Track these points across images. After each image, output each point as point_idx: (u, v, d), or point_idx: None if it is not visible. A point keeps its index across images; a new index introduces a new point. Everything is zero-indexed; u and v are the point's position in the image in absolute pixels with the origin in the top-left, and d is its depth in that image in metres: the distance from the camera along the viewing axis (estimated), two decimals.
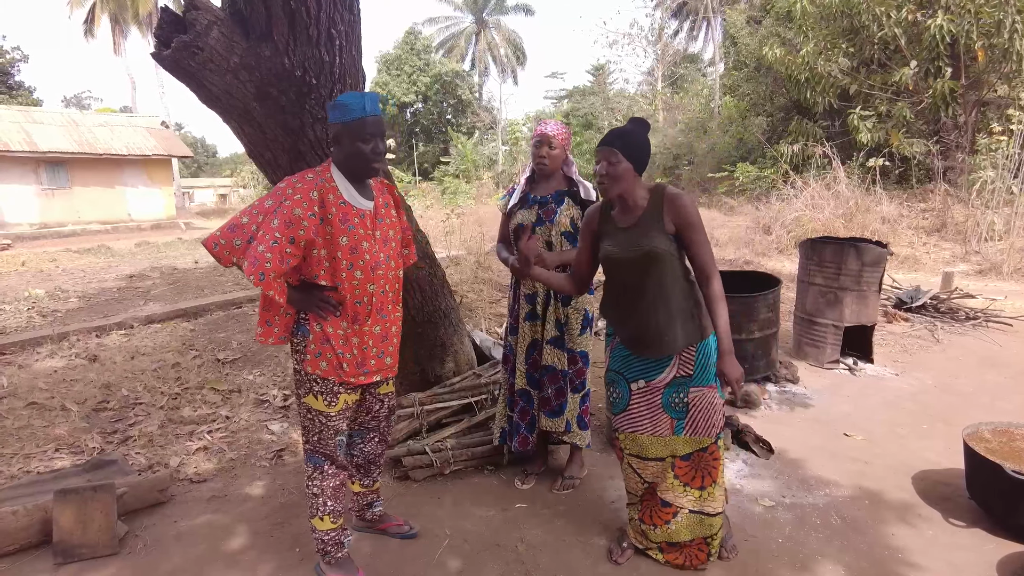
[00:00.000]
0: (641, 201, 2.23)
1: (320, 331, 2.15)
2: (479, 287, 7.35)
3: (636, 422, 2.35)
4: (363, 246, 2.13)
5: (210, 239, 2.02)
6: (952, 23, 10.58)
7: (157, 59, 2.46)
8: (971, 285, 7.23)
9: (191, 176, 44.74)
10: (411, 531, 2.64)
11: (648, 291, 2.22)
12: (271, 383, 4.50)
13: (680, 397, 2.29)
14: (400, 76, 33.60)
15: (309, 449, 2.28)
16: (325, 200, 2.07)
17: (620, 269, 2.28)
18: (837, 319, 4.70)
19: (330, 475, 2.29)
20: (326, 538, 2.32)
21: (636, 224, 2.23)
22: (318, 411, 2.21)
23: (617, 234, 2.27)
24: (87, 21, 28.52)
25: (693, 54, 31.02)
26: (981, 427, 3.01)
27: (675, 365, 2.27)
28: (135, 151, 20.80)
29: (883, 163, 11.36)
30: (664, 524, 2.41)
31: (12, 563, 2.48)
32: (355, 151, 2.10)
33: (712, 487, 2.35)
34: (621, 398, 2.37)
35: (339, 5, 2.61)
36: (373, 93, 2.16)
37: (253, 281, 1.95)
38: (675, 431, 2.32)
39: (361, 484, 2.60)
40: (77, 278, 9.42)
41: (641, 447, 2.37)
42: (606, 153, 2.17)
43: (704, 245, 2.20)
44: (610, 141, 2.19)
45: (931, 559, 2.47)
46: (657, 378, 2.30)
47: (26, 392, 4.24)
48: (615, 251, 2.25)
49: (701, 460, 2.34)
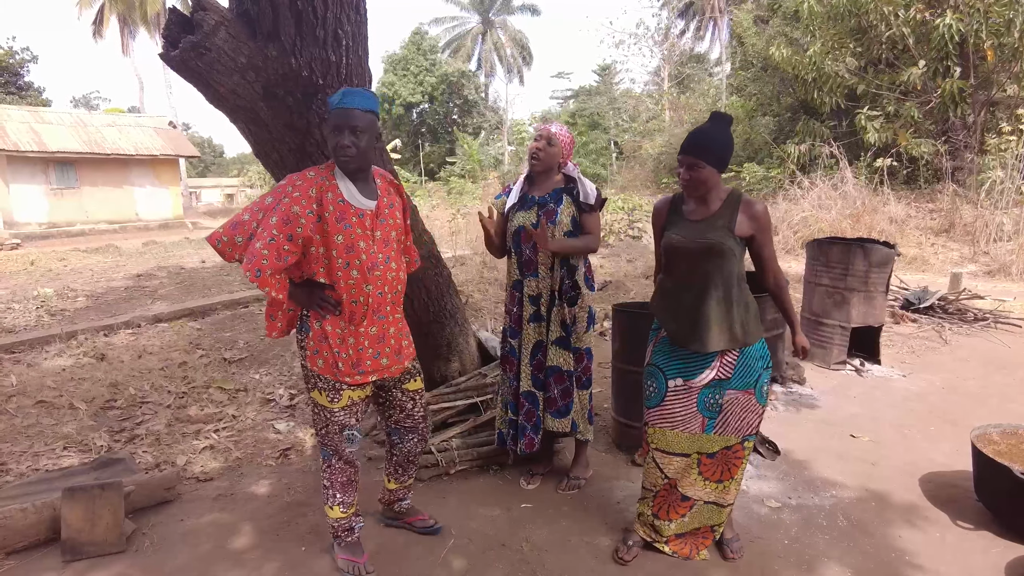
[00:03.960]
0: (717, 201, 2.28)
1: (319, 329, 2.18)
2: (485, 287, 7.36)
3: (668, 418, 2.36)
4: (360, 245, 2.14)
5: (213, 235, 2.05)
6: (961, 22, 10.50)
7: (165, 59, 2.47)
8: (979, 286, 7.17)
9: (198, 176, 44.87)
10: (435, 526, 2.67)
11: (704, 284, 2.26)
12: (277, 382, 4.52)
13: (715, 398, 2.32)
14: (406, 76, 33.63)
15: (319, 441, 2.36)
16: (323, 198, 2.08)
17: (680, 258, 2.31)
18: (844, 320, 4.68)
19: (338, 469, 2.35)
20: (336, 524, 2.43)
21: (707, 219, 2.27)
22: (322, 406, 2.26)
23: (685, 225, 2.31)
24: (96, 22, 28.69)
25: (700, 54, 30.89)
26: (989, 429, 2.99)
27: (715, 367, 2.29)
28: (143, 151, 20.93)
29: (891, 163, 11.29)
30: (680, 518, 2.45)
31: (21, 560, 2.50)
32: (329, 144, 2.13)
33: (730, 481, 2.40)
34: (657, 392, 2.38)
35: (346, 5, 2.62)
36: (362, 90, 2.15)
37: (249, 278, 1.98)
38: (705, 429, 2.35)
39: (397, 481, 2.64)
40: (85, 277, 9.48)
41: (669, 442, 2.38)
42: (686, 161, 2.21)
43: (772, 247, 2.33)
44: (691, 151, 2.21)
45: (938, 562, 2.46)
46: (696, 378, 2.31)
47: (35, 391, 4.28)
48: (679, 239, 2.29)
49: (726, 458, 2.38)
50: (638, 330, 3.31)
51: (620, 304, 3.62)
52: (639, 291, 7.33)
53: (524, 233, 2.83)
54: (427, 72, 34.00)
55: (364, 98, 2.11)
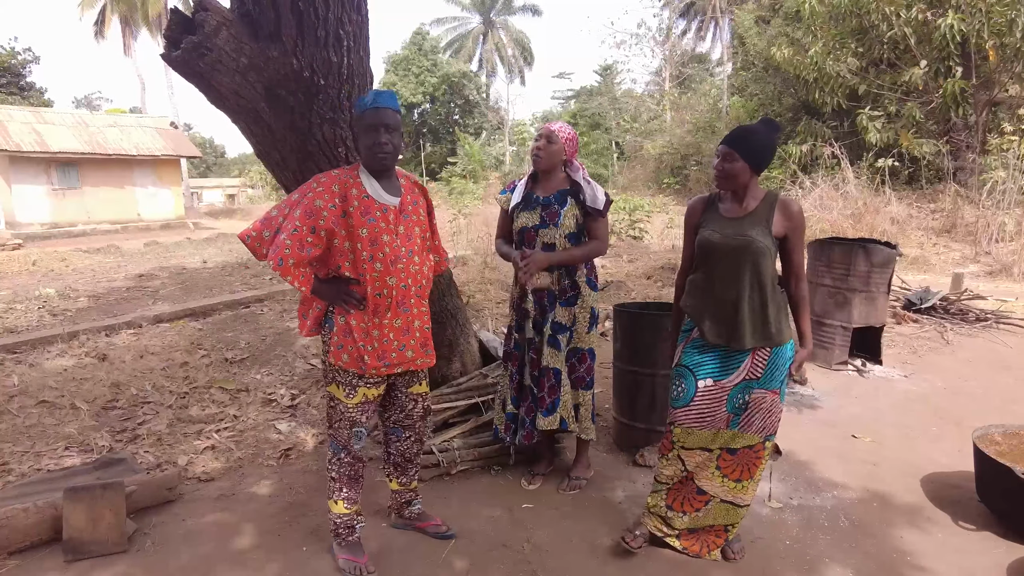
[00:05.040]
0: (753, 201, 2.28)
1: (343, 323, 2.25)
2: (486, 287, 7.35)
3: (697, 418, 2.36)
4: (383, 239, 2.21)
5: (244, 232, 2.18)
6: (963, 22, 10.49)
7: (167, 60, 2.48)
8: (981, 286, 7.16)
9: (200, 176, 44.90)
10: (448, 532, 2.65)
11: (739, 281, 2.26)
12: (279, 382, 4.52)
13: (744, 397, 2.33)
14: (408, 77, 33.64)
15: (330, 434, 2.41)
16: (348, 194, 2.18)
17: (715, 255, 2.30)
18: (846, 320, 4.67)
19: (346, 463, 2.40)
20: (338, 521, 2.45)
21: (743, 218, 2.28)
22: (338, 400, 2.33)
23: (721, 222, 2.31)
24: (98, 23, 28.70)
25: (701, 54, 30.89)
26: (991, 429, 2.99)
27: (747, 367, 2.30)
28: (145, 151, 20.95)
29: (892, 163, 11.28)
30: (695, 512, 2.45)
31: (23, 560, 2.50)
32: (361, 144, 2.24)
33: (748, 481, 2.41)
34: (686, 393, 2.36)
35: (347, 6, 2.62)
36: (389, 91, 2.25)
37: (272, 266, 2.09)
38: (730, 425, 2.36)
39: (398, 482, 2.65)
40: (87, 277, 9.49)
41: (694, 441, 2.38)
42: (723, 151, 2.23)
43: (803, 251, 2.32)
44: (729, 141, 2.24)
45: (940, 563, 2.46)
46: (727, 378, 2.32)
47: (37, 391, 4.28)
48: (715, 236, 2.28)
49: (746, 457, 2.39)
50: (639, 330, 3.31)
51: (621, 304, 3.62)
52: (640, 291, 7.32)
53: (527, 234, 2.84)
54: (428, 72, 34.02)
55: (393, 99, 2.24)
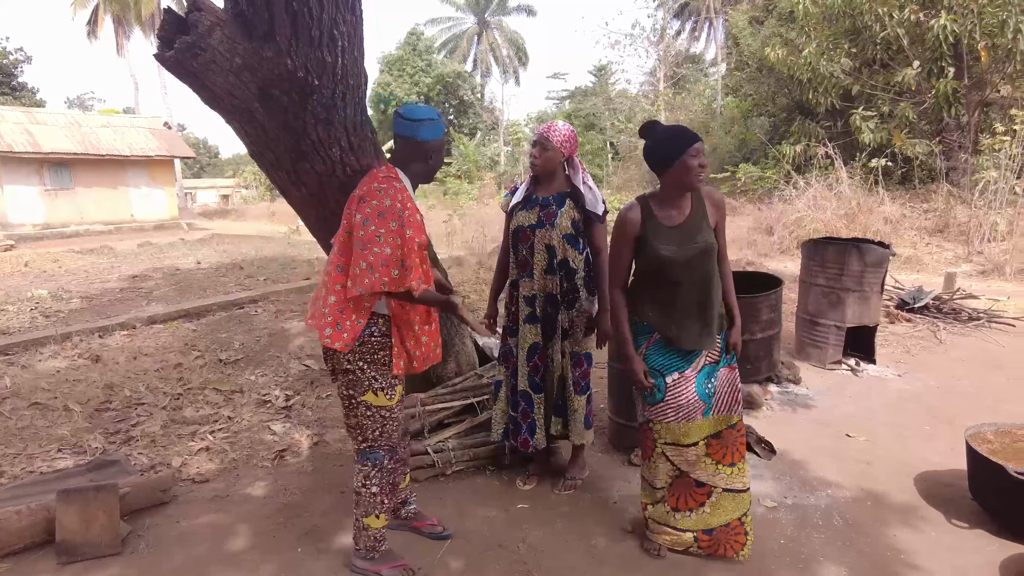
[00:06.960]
0: (685, 203, 2.32)
1: (398, 333, 2.26)
2: (481, 288, 7.35)
3: (673, 411, 2.39)
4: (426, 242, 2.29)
5: (374, 284, 2.06)
6: (955, 23, 10.54)
7: (160, 60, 2.46)
8: (974, 286, 7.21)
9: (193, 177, 44.76)
10: (444, 532, 2.65)
11: (704, 285, 2.31)
12: (273, 383, 4.51)
13: (712, 383, 2.39)
14: (402, 77, 33.59)
15: (367, 447, 2.31)
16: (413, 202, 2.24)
17: (676, 268, 2.29)
18: (839, 320, 4.69)
19: (388, 471, 2.36)
20: (378, 536, 2.37)
21: (686, 221, 2.29)
22: (379, 407, 2.27)
23: (669, 233, 2.29)
24: (90, 22, 28.57)
25: (695, 55, 30.93)
26: (984, 428, 3.01)
27: (705, 354, 2.38)
28: (138, 152, 20.84)
29: (886, 163, 11.33)
30: (699, 507, 2.45)
31: (16, 562, 2.49)
32: (438, 164, 2.31)
33: (741, 462, 2.44)
34: (658, 390, 2.40)
35: (341, 6, 2.61)
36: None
37: (416, 294, 2.12)
38: (704, 413, 2.39)
39: None
40: (80, 279, 9.44)
41: (676, 435, 2.40)
42: (700, 148, 2.24)
43: (725, 231, 2.44)
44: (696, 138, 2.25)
45: (933, 561, 2.47)
46: (690, 367, 2.37)
47: (29, 392, 4.26)
48: (672, 250, 2.27)
49: (730, 437, 2.42)
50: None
51: None
52: None
53: (523, 233, 2.84)
54: (423, 73, 33.97)
55: None
